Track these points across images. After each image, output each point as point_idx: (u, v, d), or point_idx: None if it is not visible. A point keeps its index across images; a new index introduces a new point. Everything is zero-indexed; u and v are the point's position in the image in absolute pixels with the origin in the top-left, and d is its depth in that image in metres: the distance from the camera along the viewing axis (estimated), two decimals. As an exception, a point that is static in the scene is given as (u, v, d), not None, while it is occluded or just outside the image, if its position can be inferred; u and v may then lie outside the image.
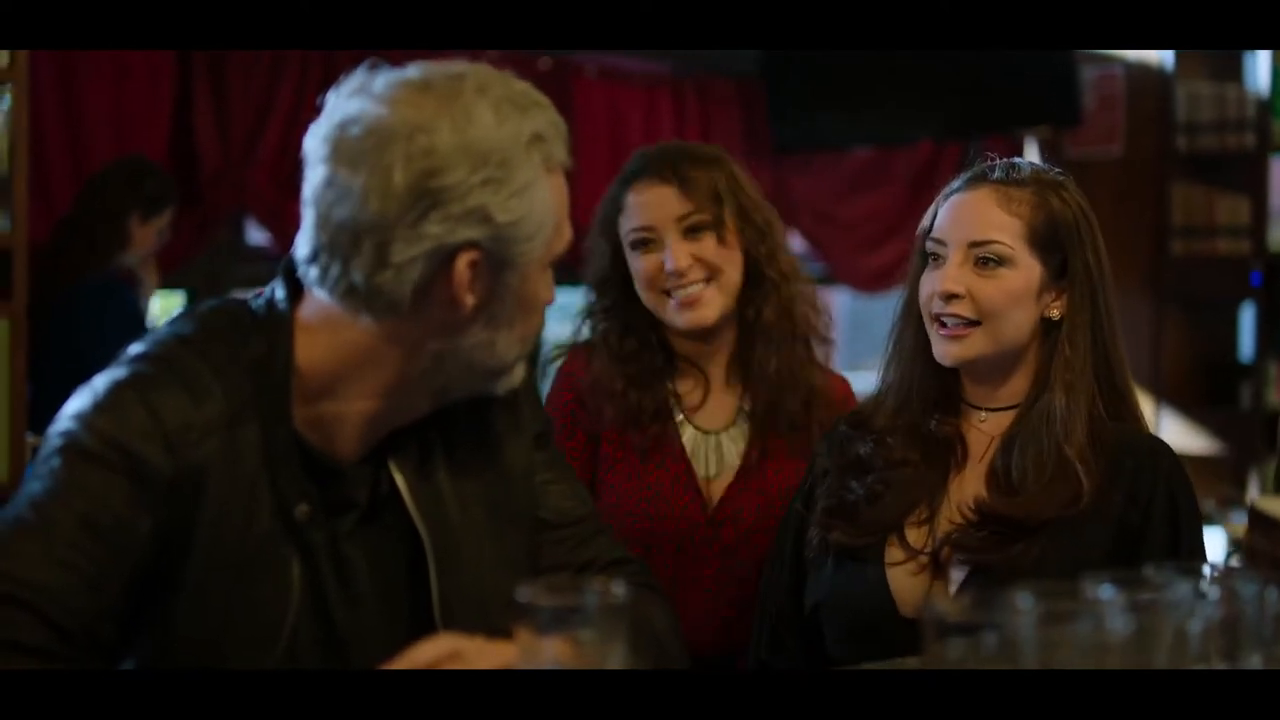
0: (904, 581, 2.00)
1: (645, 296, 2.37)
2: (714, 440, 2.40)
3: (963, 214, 2.02)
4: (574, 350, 2.45)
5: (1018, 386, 2.04)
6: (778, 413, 2.37)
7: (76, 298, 4.07)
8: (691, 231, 2.33)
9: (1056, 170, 2.08)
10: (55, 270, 4.11)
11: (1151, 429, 2.14)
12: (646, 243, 2.35)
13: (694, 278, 2.33)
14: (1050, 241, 2.00)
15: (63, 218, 4.22)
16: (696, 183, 2.34)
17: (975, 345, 2.00)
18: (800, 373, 2.39)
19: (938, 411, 2.07)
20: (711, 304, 2.34)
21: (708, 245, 2.34)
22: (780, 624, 2.15)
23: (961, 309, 1.99)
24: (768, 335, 2.38)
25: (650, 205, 2.35)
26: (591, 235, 2.44)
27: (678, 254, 2.32)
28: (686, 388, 2.42)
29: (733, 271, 2.36)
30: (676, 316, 2.35)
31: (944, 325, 2.01)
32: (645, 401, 2.36)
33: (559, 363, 2.46)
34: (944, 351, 2.01)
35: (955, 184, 2.07)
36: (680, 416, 2.40)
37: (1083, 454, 1.96)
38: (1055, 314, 2.01)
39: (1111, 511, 1.96)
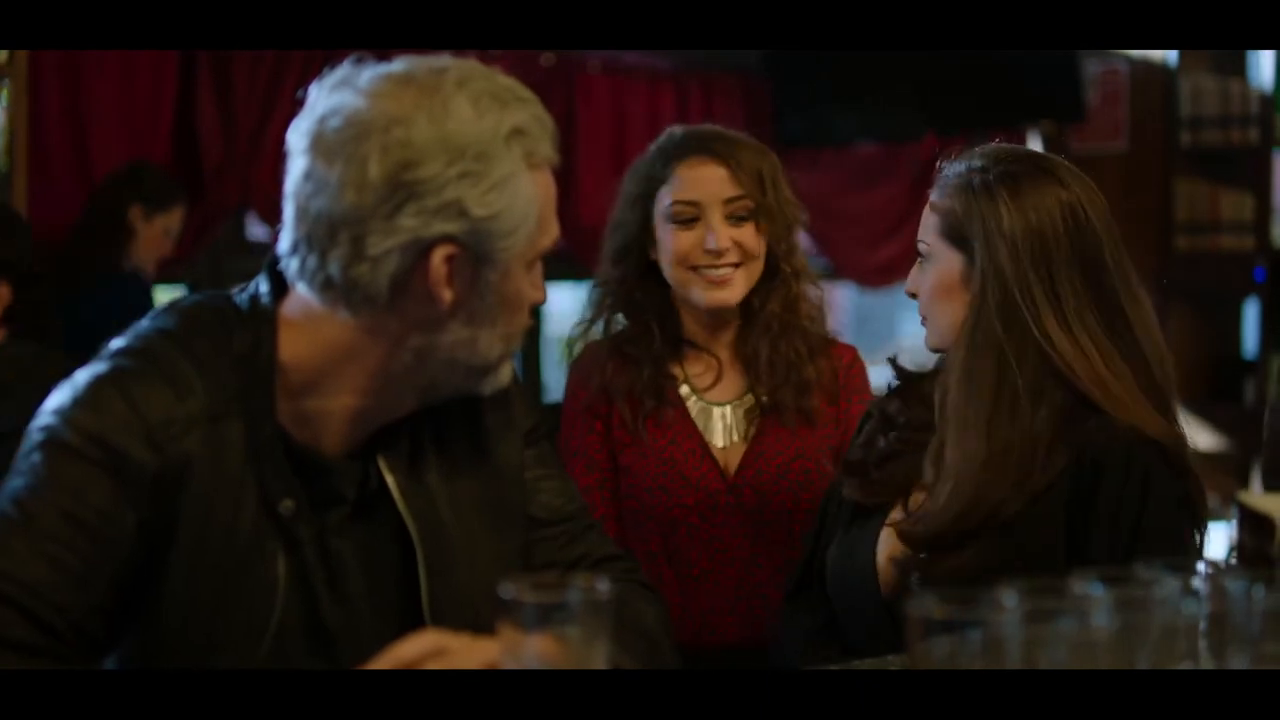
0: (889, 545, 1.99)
1: (673, 272, 2.40)
2: (726, 411, 2.44)
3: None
4: (588, 348, 2.50)
5: None
6: (774, 400, 2.41)
7: (93, 293, 4.09)
8: (735, 215, 2.37)
9: (978, 153, 2.13)
10: (68, 269, 4.13)
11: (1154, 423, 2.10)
12: (687, 217, 2.37)
13: (729, 260, 2.37)
14: (959, 232, 2.00)
15: (75, 223, 4.25)
16: (747, 167, 2.38)
17: (929, 338, 2.03)
18: (797, 366, 2.42)
19: None
20: (738, 286, 2.39)
21: (748, 231, 2.39)
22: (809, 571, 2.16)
23: (919, 308, 2.04)
24: (767, 326, 2.43)
25: (700, 181, 2.37)
26: (619, 208, 2.46)
27: (720, 235, 2.36)
28: (697, 370, 2.46)
29: (763, 259, 2.41)
30: (703, 294, 2.38)
31: None
32: (639, 383, 2.40)
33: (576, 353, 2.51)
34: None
35: None
36: (691, 394, 2.44)
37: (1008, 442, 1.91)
38: None
39: (1056, 510, 1.91)
